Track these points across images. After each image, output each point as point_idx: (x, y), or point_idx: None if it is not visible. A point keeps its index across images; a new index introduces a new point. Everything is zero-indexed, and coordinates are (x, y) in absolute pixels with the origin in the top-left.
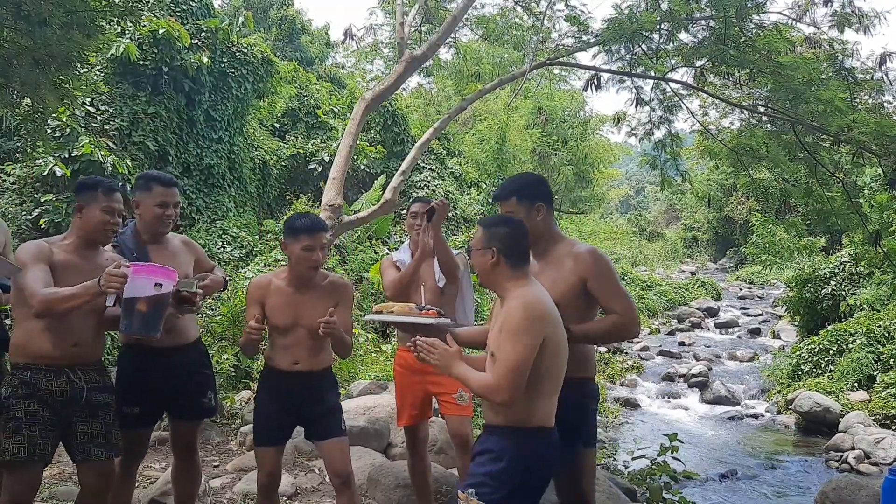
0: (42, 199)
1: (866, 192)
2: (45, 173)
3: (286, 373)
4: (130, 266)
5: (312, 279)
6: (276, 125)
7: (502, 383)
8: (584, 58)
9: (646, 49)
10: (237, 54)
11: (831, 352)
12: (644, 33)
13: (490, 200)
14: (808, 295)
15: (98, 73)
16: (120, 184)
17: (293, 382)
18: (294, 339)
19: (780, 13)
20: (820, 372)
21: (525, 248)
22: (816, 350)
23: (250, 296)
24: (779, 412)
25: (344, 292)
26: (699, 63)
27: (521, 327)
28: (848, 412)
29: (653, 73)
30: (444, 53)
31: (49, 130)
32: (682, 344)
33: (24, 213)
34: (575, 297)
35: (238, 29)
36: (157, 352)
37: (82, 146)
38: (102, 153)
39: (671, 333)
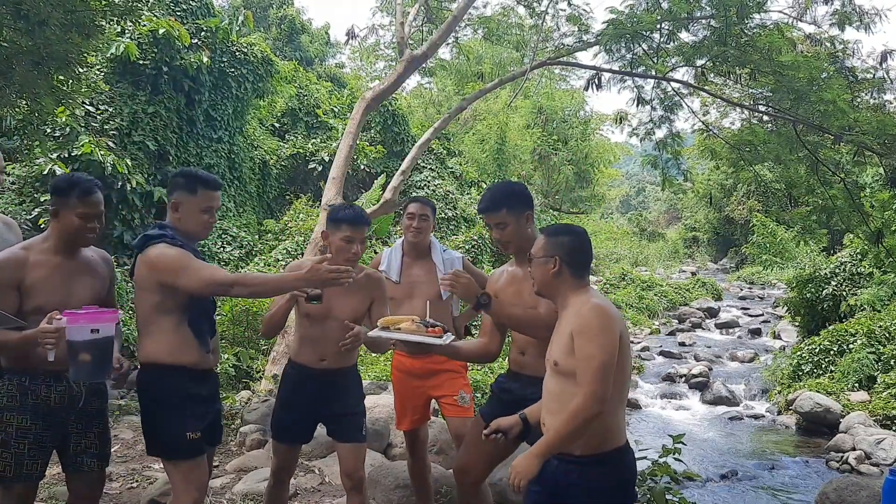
0: (42, 199)
1: (867, 191)
2: (45, 173)
3: (312, 370)
4: (63, 316)
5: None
6: (276, 125)
7: (596, 387)
8: (584, 57)
9: (646, 48)
10: (237, 54)
11: (832, 352)
12: (644, 33)
13: (478, 211)
14: (808, 295)
15: (98, 72)
16: (120, 183)
17: (319, 381)
18: (323, 331)
19: (780, 12)
20: (820, 372)
21: (588, 258)
22: (817, 350)
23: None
24: (779, 413)
25: (380, 287)
26: (700, 62)
27: (598, 328)
28: (848, 413)
29: (654, 73)
30: (445, 53)
31: (49, 130)
32: (682, 344)
33: (24, 212)
34: None
35: (238, 28)
36: (209, 373)
37: (82, 146)
38: (102, 153)
39: (671, 334)
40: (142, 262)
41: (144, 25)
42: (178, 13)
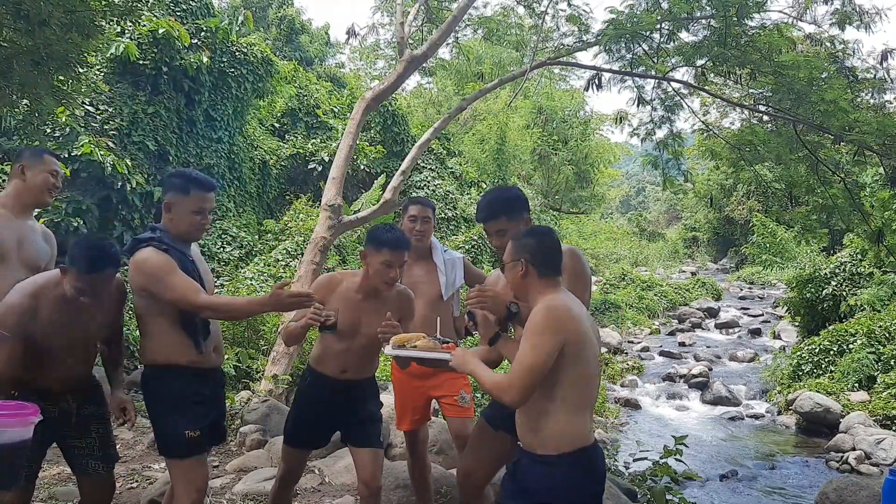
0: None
1: (868, 190)
2: None
3: (334, 380)
4: None
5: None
6: (276, 125)
7: (514, 381)
8: (584, 57)
9: (646, 48)
10: (237, 54)
11: (832, 352)
12: (644, 33)
13: (476, 220)
14: (808, 295)
15: (98, 72)
16: (120, 183)
17: (339, 390)
18: (349, 345)
19: (780, 11)
20: (820, 372)
21: (555, 257)
22: (817, 350)
23: (315, 290)
24: (779, 413)
25: (409, 305)
26: (700, 62)
27: (539, 328)
28: (848, 413)
29: (654, 73)
30: (445, 53)
31: (49, 130)
32: (682, 344)
33: None
34: None
35: (238, 28)
36: (211, 372)
37: (82, 146)
38: (102, 153)
39: (671, 334)
40: (131, 265)
41: (144, 25)
42: (178, 13)
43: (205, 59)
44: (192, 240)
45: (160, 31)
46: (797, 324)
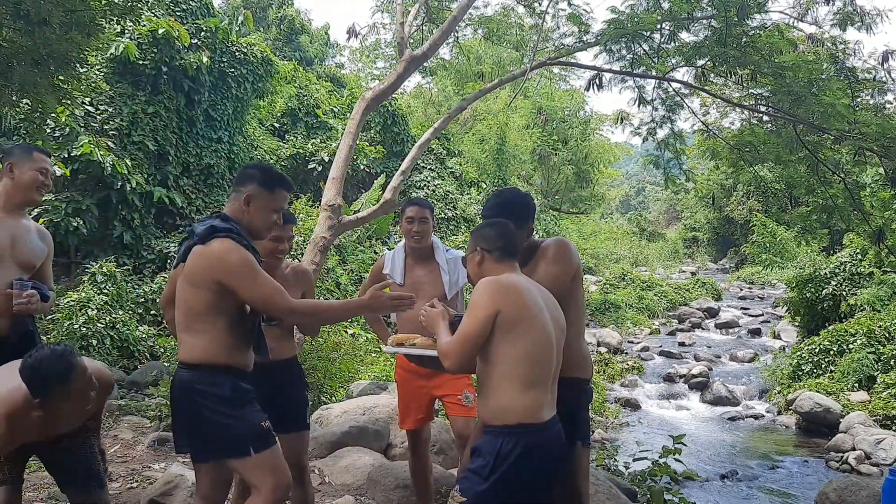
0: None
1: (868, 190)
2: None
3: (261, 364)
4: None
5: (273, 266)
6: (276, 125)
7: (452, 349)
8: (585, 57)
9: (647, 49)
10: (237, 54)
11: (832, 352)
12: (645, 33)
13: (482, 217)
14: (808, 295)
15: (97, 72)
16: (119, 183)
17: (268, 375)
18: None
19: (781, 12)
20: (820, 372)
21: (509, 243)
22: (817, 350)
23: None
24: (779, 413)
25: (307, 279)
26: (700, 62)
27: (474, 299)
28: (848, 413)
29: (654, 73)
30: (445, 53)
31: (49, 130)
32: (682, 344)
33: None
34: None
35: (237, 28)
36: (249, 374)
37: (82, 146)
38: (102, 153)
39: (671, 334)
40: (202, 255)
41: (144, 25)
42: (178, 13)
43: (205, 59)
44: (258, 238)
45: (160, 31)
46: (797, 324)
